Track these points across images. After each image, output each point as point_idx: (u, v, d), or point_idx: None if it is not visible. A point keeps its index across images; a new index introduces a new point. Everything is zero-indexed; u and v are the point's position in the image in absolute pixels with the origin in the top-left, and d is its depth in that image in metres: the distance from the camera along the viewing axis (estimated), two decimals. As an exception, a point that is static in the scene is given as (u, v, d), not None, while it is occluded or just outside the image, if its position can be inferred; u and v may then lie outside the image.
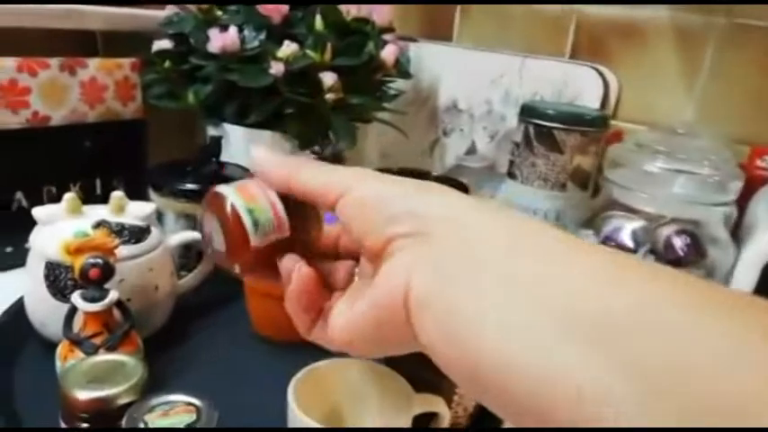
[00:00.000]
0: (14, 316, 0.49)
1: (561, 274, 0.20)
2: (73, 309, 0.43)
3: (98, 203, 0.50)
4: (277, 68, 0.65)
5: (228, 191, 0.30)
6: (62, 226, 0.46)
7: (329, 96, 0.67)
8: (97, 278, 0.42)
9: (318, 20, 0.68)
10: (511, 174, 0.70)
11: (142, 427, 0.33)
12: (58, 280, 0.46)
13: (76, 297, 0.42)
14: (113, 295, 0.42)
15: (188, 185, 0.60)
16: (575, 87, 0.79)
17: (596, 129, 0.67)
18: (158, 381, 0.40)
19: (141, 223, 0.49)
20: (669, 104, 0.77)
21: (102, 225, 0.46)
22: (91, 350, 0.41)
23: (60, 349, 0.43)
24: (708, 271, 0.58)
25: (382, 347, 0.28)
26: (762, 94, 0.70)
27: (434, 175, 0.67)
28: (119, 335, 0.42)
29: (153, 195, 0.61)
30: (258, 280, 0.33)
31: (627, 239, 0.59)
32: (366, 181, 0.27)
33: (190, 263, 0.58)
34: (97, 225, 0.46)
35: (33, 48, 0.66)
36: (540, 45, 0.84)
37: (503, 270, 0.21)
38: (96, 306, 0.42)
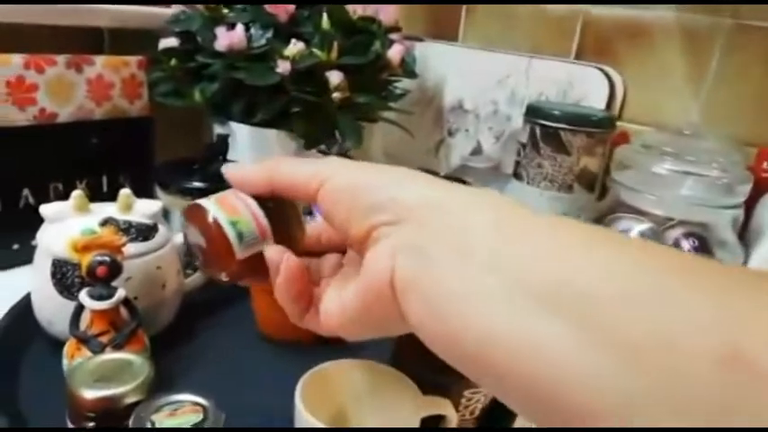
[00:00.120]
0: (21, 314, 0.49)
1: (539, 252, 0.22)
2: (80, 307, 0.42)
3: (104, 201, 0.50)
4: (284, 67, 0.65)
5: (210, 204, 0.30)
6: (69, 223, 0.46)
7: (336, 95, 0.67)
8: (104, 276, 0.41)
9: (325, 18, 0.68)
10: (517, 175, 0.70)
11: (149, 427, 0.33)
12: (65, 277, 0.46)
13: (84, 295, 0.42)
14: (121, 293, 0.42)
15: (195, 183, 0.60)
16: (580, 88, 0.79)
17: (603, 130, 0.66)
18: (164, 379, 0.40)
19: (148, 221, 0.49)
20: (675, 106, 0.76)
21: (109, 223, 0.46)
22: (98, 348, 0.41)
23: (67, 347, 0.42)
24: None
25: (372, 329, 0.29)
26: (769, 96, 0.70)
27: (441, 176, 0.66)
28: (126, 333, 0.42)
29: (159, 193, 0.61)
30: (246, 284, 0.33)
31: (634, 241, 0.58)
32: (345, 169, 0.28)
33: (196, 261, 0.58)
34: (104, 222, 0.46)
35: (40, 45, 0.66)
36: (546, 45, 0.84)
37: (484, 251, 0.22)
38: (103, 304, 0.42)
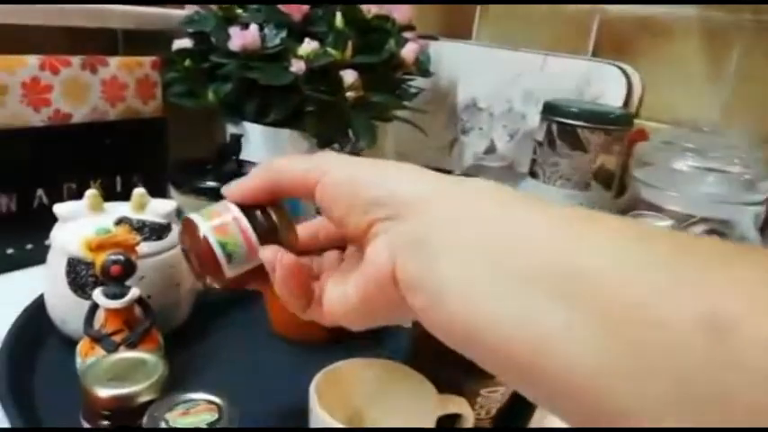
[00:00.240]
0: (35, 313, 0.49)
1: (525, 235, 0.23)
2: (94, 305, 0.42)
3: (118, 201, 0.50)
4: (298, 66, 0.64)
5: (201, 223, 0.31)
6: (83, 222, 0.46)
7: (350, 94, 0.67)
8: (119, 275, 0.41)
9: (339, 17, 0.68)
10: (533, 173, 0.69)
11: (164, 427, 0.33)
12: (79, 276, 0.46)
13: (98, 294, 0.42)
14: (135, 292, 0.42)
15: (208, 183, 0.60)
16: (597, 86, 0.78)
17: (621, 127, 0.65)
18: (178, 378, 0.39)
19: (162, 220, 0.49)
20: (693, 103, 0.75)
21: (123, 222, 0.46)
22: (111, 347, 0.41)
23: (81, 346, 0.42)
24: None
25: (376, 318, 0.29)
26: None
27: (456, 174, 0.66)
28: (139, 332, 0.42)
29: (173, 193, 0.61)
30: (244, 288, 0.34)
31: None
32: (343, 163, 0.29)
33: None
34: (118, 222, 0.46)
35: (55, 46, 0.67)
36: (562, 43, 0.83)
37: (476, 239, 0.23)
38: (117, 303, 0.41)
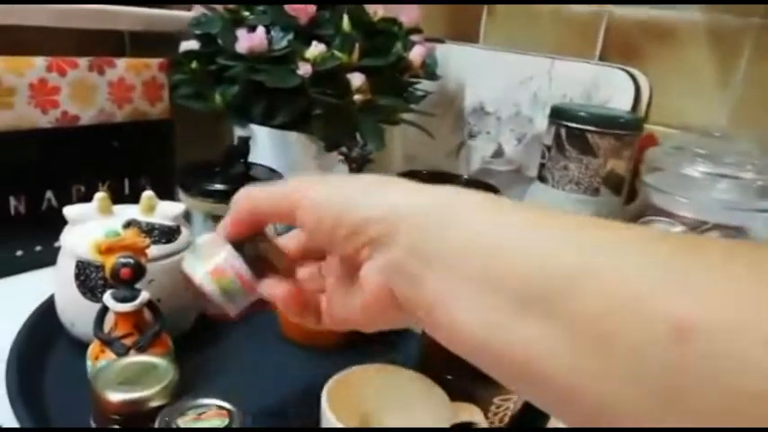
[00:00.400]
0: (45, 315, 0.49)
1: (506, 245, 0.23)
2: (104, 309, 0.42)
3: (126, 203, 0.50)
4: (305, 69, 0.64)
5: (197, 272, 0.34)
6: (93, 225, 0.46)
7: (357, 97, 0.66)
8: (128, 278, 0.41)
9: (346, 20, 0.68)
10: (541, 177, 0.69)
11: (174, 427, 0.33)
12: (89, 279, 0.45)
13: (108, 297, 0.42)
14: (144, 295, 0.42)
15: (216, 186, 0.60)
16: (605, 90, 0.78)
17: (631, 132, 0.65)
18: (188, 382, 0.39)
19: (171, 223, 0.48)
20: (702, 108, 0.74)
21: (132, 224, 0.46)
22: (122, 351, 0.40)
23: (91, 349, 0.42)
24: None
25: (386, 323, 0.30)
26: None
27: (465, 179, 0.66)
28: (149, 336, 0.42)
29: (181, 195, 0.60)
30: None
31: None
32: (320, 185, 0.29)
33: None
34: (128, 225, 0.46)
35: (62, 47, 0.67)
36: (570, 46, 0.83)
37: (458, 257, 0.23)
38: (127, 306, 0.41)
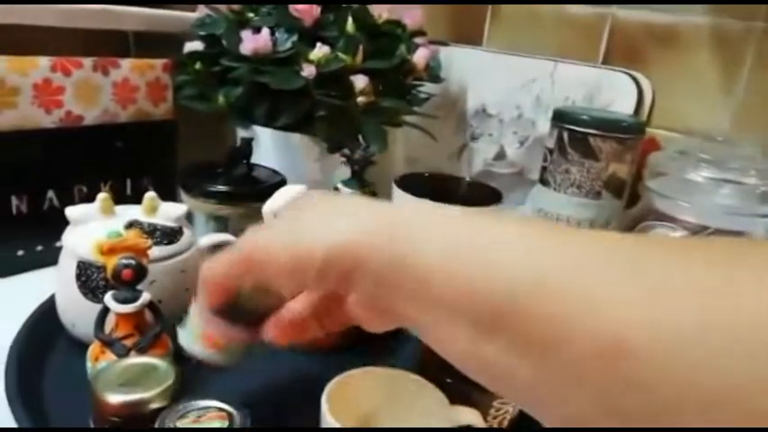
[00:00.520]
0: (45, 315, 0.49)
1: (462, 277, 0.22)
2: (105, 309, 0.42)
3: (129, 204, 0.50)
4: (308, 71, 0.64)
5: (192, 346, 0.37)
6: (95, 226, 0.46)
7: (360, 99, 0.66)
8: (130, 279, 0.41)
9: (350, 22, 0.68)
10: (543, 180, 0.69)
11: (172, 427, 0.33)
12: (90, 280, 0.45)
13: (109, 298, 0.42)
14: (145, 297, 0.42)
15: (219, 187, 0.60)
16: (608, 93, 0.77)
17: (633, 136, 0.65)
18: (187, 384, 0.39)
19: (173, 224, 0.49)
20: (704, 112, 0.74)
21: (134, 225, 0.46)
22: (122, 352, 0.40)
23: (91, 350, 0.42)
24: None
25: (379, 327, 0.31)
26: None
27: (468, 181, 0.65)
28: (150, 337, 0.42)
29: (184, 196, 0.61)
30: None
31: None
32: (261, 238, 0.28)
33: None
34: (129, 225, 0.46)
35: (67, 47, 0.67)
36: (573, 49, 0.83)
37: (423, 285, 0.23)
38: (129, 307, 0.41)
